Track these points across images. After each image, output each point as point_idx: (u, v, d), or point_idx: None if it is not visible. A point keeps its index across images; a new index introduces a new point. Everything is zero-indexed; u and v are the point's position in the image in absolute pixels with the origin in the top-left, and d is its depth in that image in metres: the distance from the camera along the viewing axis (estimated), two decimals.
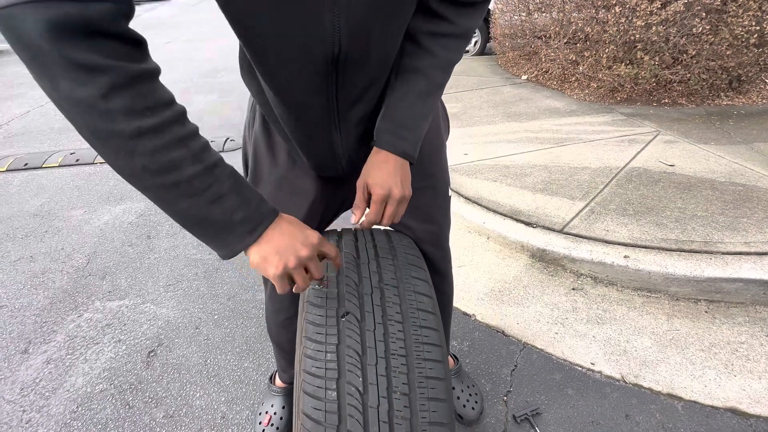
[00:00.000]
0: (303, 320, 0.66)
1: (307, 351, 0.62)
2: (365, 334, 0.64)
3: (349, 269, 0.71)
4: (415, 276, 0.72)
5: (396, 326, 0.65)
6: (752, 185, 2.02)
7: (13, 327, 1.59)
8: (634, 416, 1.21)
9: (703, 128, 2.70)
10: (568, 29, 3.43)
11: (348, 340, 0.63)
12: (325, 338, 0.63)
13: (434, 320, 0.67)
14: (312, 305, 0.66)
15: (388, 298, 0.68)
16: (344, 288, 0.68)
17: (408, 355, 0.63)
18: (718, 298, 1.55)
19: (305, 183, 0.80)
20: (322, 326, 0.64)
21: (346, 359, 0.61)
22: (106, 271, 1.87)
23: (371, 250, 0.76)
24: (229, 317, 1.60)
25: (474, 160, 2.44)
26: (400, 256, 0.75)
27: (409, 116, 0.66)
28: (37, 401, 1.31)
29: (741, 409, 1.21)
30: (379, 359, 0.62)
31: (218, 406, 1.28)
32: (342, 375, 0.60)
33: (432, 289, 0.72)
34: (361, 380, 0.60)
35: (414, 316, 0.67)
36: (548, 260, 1.75)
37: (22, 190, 2.60)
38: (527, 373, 1.34)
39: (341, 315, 0.65)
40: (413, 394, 0.61)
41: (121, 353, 1.47)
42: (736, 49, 2.87)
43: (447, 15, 0.64)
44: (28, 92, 4.61)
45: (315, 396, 0.59)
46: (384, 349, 0.63)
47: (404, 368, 0.62)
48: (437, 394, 0.62)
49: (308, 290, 0.68)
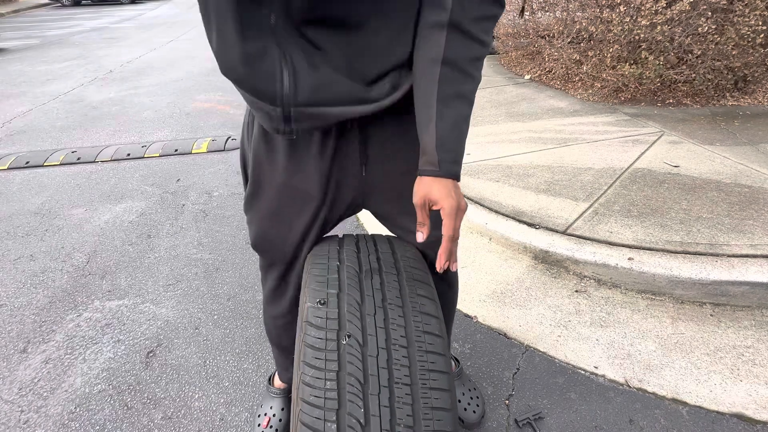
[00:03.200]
0: (301, 342, 0.62)
1: (305, 378, 0.58)
2: (367, 359, 0.60)
3: (351, 286, 0.67)
4: (420, 294, 0.68)
5: (401, 351, 0.61)
6: (758, 187, 1.99)
7: (12, 326, 1.58)
8: (638, 421, 1.19)
9: (709, 129, 2.68)
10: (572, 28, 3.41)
11: (349, 367, 0.59)
12: (325, 364, 0.59)
13: (441, 344, 0.64)
14: (311, 326, 0.62)
15: (393, 319, 0.64)
16: (345, 308, 0.64)
17: (413, 384, 0.59)
18: (724, 302, 1.53)
19: (308, 186, 0.78)
20: (321, 350, 0.60)
21: (347, 388, 0.58)
22: (105, 270, 1.87)
23: (374, 262, 0.73)
24: (229, 318, 1.59)
25: (476, 160, 2.42)
26: (404, 271, 0.72)
27: (460, 142, 0.69)
28: (35, 401, 1.31)
29: (747, 414, 1.19)
30: (383, 388, 0.58)
31: (217, 407, 1.27)
32: (342, 405, 0.57)
33: (439, 309, 0.68)
34: (363, 411, 0.56)
35: (420, 339, 0.63)
36: (551, 262, 1.73)
37: (23, 188, 2.60)
38: (529, 377, 1.33)
39: (342, 338, 0.61)
40: (418, 427, 0.57)
41: (120, 353, 1.46)
42: (742, 49, 2.84)
43: (481, 36, 0.64)
44: (30, 90, 4.62)
45: (313, 428, 0.55)
46: (387, 377, 0.59)
47: (409, 399, 0.58)
48: (443, 427, 0.58)
49: (307, 309, 0.65)
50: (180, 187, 2.56)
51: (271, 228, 0.84)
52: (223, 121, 3.56)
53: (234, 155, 2.96)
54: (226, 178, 2.64)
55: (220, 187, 2.54)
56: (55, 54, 6.56)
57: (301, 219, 0.80)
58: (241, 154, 0.87)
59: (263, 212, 0.83)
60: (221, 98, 4.17)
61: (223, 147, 3.05)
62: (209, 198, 2.43)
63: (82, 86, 4.77)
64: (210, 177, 2.66)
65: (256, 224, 0.86)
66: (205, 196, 2.44)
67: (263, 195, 0.81)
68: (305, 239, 0.83)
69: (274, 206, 0.81)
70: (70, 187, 2.58)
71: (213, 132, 3.34)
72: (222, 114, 3.75)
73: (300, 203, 0.79)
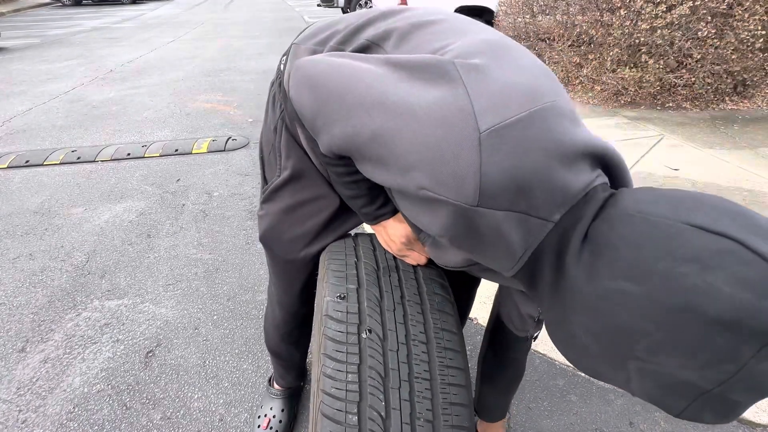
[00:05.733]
0: (321, 335, 0.63)
1: (327, 370, 0.59)
2: (388, 354, 0.61)
3: (370, 282, 0.68)
4: (437, 292, 0.69)
5: (420, 347, 0.62)
6: (758, 190, 2.00)
7: (11, 325, 1.58)
8: (638, 424, 1.19)
9: (708, 132, 2.69)
10: (573, 32, 3.42)
11: (370, 360, 0.59)
12: (346, 357, 0.59)
13: (458, 342, 0.65)
14: (331, 319, 0.63)
15: (412, 315, 0.65)
16: (365, 303, 0.65)
17: (432, 380, 0.60)
18: None
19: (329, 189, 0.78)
20: (342, 343, 0.60)
21: (368, 381, 0.58)
22: (105, 269, 1.86)
23: (391, 260, 0.74)
24: (229, 318, 1.59)
25: None
26: (420, 269, 0.72)
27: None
28: (33, 401, 1.30)
29: (747, 417, 1.19)
30: (403, 382, 0.59)
31: (216, 408, 1.27)
32: (363, 398, 0.57)
33: (455, 307, 0.69)
34: (384, 404, 0.57)
35: (438, 336, 0.64)
36: None
37: (22, 187, 2.59)
38: (529, 379, 1.33)
39: (363, 332, 0.62)
40: (437, 421, 0.58)
41: (119, 353, 1.45)
42: (742, 53, 2.86)
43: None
44: (30, 89, 4.61)
45: (335, 419, 0.56)
46: (408, 371, 0.60)
47: (428, 393, 0.59)
48: (461, 422, 0.59)
49: (327, 303, 0.66)
50: (180, 187, 2.56)
51: (284, 222, 0.83)
52: (223, 122, 3.56)
53: (234, 156, 2.96)
54: (227, 178, 2.64)
55: (220, 188, 2.53)
56: (56, 53, 6.56)
57: (315, 219, 0.80)
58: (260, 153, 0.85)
59: (283, 204, 0.82)
60: (222, 98, 4.18)
61: (224, 147, 3.05)
62: (209, 198, 2.42)
63: (82, 86, 4.77)
64: (210, 177, 2.66)
65: (270, 216, 0.84)
66: (205, 197, 2.44)
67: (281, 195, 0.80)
68: (316, 238, 0.82)
69: (291, 208, 0.81)
70: (70, 187, 2.58)
71: (213, 132, 3.34)
72: (222, 114, 3.75)
73: (320, 203, 0.79)
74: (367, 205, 0.69)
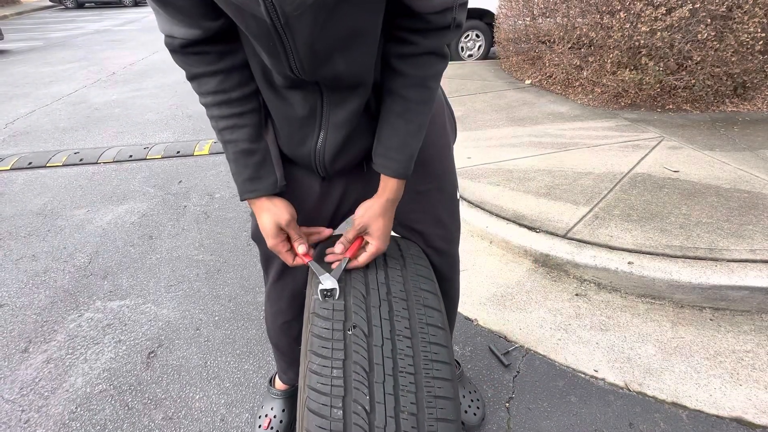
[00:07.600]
0: (308, 333, 0.64)
1: (312, 366, 0.60)
2: (372, 349, 0.62)
3: (356, 279, 0.69)
4: (424, 288, 0.70)
5: (405, 342, 0.63)
6: (758, 192, 2.00)
7: (14, 326, 1.59)
8: (637, 425, 1.19)
9: (708, 134, 2.69)
10: (573, 34, 3.43)
11: (355, 356, 0.60)
12: (331, 353, 0.61)
13: (443, 336, 0.65)
14: (318, 317, 0.64)
15: (397, 312, 0.66)
16: (351, 300, 0.66)
17: (417, 373, 0.61)
18: (724, 306, 1.54)
19: (313, 182, 0.79)
20: (328, 340, 0.62)
21: (353, 376, 0.59)
22: (107, 270, 1.87)
23: (380, 258, 0.74)
24: (230, 319, 1.60)
25: (477, 164, 2.43)
26: (408, 267, 0.73)
27: (393, 137, 0.69)
28: (36, 401, 1.31)
29: (746, 419, 1.19)
30: (387, 377, 0.60)
31: (218, 408, 1.27)
32: (348, 392, 0.58)
33: (441, 303, 0.70)
34: (368, 398, 0.58)
35: (423, 331, 0.65)
36: (551, 265, 1.74)
37: (25, 188, 2.61)
38: (529, 380, 1.33)
39: (348, 328, 0.63)
40: (421, 414, 0.59)
41: (121, 354, 1.46)
42: (741, 55, 2.87)
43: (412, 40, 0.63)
44: (33, 92, 4.64)
45: (320, 414, 0.57)
46: (392, 366, 0.61)
47: (413, 387, 0.60)
48: (446, 415, 0.59)
49: (314, 301, 0.67)
50: (182, 188, 2.57)
51: None
52: None
53: None
54: (228, 180, 2.65)
55: (221, 189, 2.55)
56: (59, 56, 6.59)
57: (303, 211, 0.81)
58: None
59: None
60: None
61: None
62: (211, 200, 2.44)
63: (84, 88, 4.79)
64: (212, 179, 2.67)
65: None
66: (206, 198, 2.45)
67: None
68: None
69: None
70: (73, 188, 2.59)
71: (215, 134, 3.35)
72: None
73: (304, 196, 0.80)
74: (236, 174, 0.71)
